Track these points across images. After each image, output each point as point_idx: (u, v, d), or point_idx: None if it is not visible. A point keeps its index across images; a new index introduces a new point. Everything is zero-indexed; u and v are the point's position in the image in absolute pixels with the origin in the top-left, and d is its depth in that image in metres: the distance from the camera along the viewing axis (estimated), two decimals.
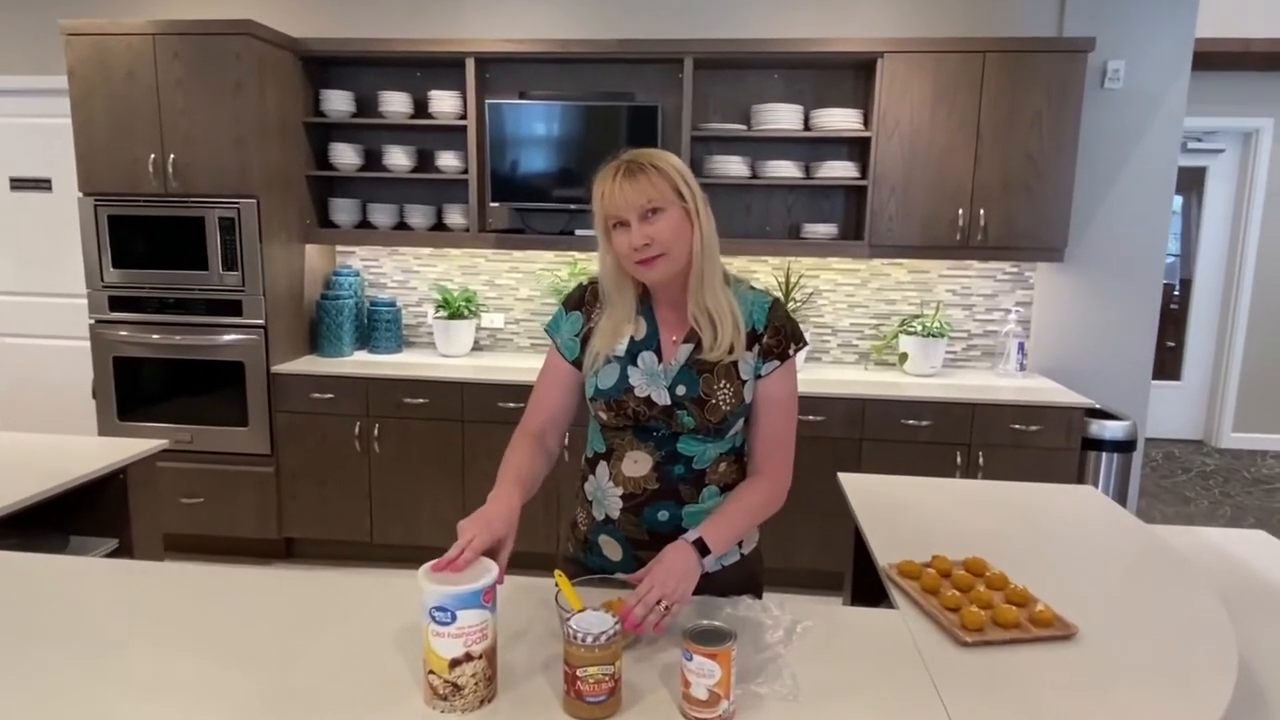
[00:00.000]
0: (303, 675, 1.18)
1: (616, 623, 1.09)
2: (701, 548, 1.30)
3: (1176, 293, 5.85)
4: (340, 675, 1.18)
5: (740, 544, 1.50)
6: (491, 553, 1.19)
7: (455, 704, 1.08)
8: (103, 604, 1.38)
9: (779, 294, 3.65)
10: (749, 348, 1.42)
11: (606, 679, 1.07)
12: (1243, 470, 5.37)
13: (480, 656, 1.09)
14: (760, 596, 1.52)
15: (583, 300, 1.51)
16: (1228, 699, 1.17)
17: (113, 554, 2.25)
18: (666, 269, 1.36)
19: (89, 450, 2.28)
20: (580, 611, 1.13)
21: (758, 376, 1.43)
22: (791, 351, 1.44)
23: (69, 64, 3.29)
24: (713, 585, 1.40)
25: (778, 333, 1.43)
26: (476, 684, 1.09)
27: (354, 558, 3.62)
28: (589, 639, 1.05)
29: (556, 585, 1.26)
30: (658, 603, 1.20)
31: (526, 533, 3.90)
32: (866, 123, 3.44)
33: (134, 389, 3.49)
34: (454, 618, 1.06)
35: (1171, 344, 5.86)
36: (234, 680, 1.16)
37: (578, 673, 1.06)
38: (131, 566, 1.60)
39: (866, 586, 1.95)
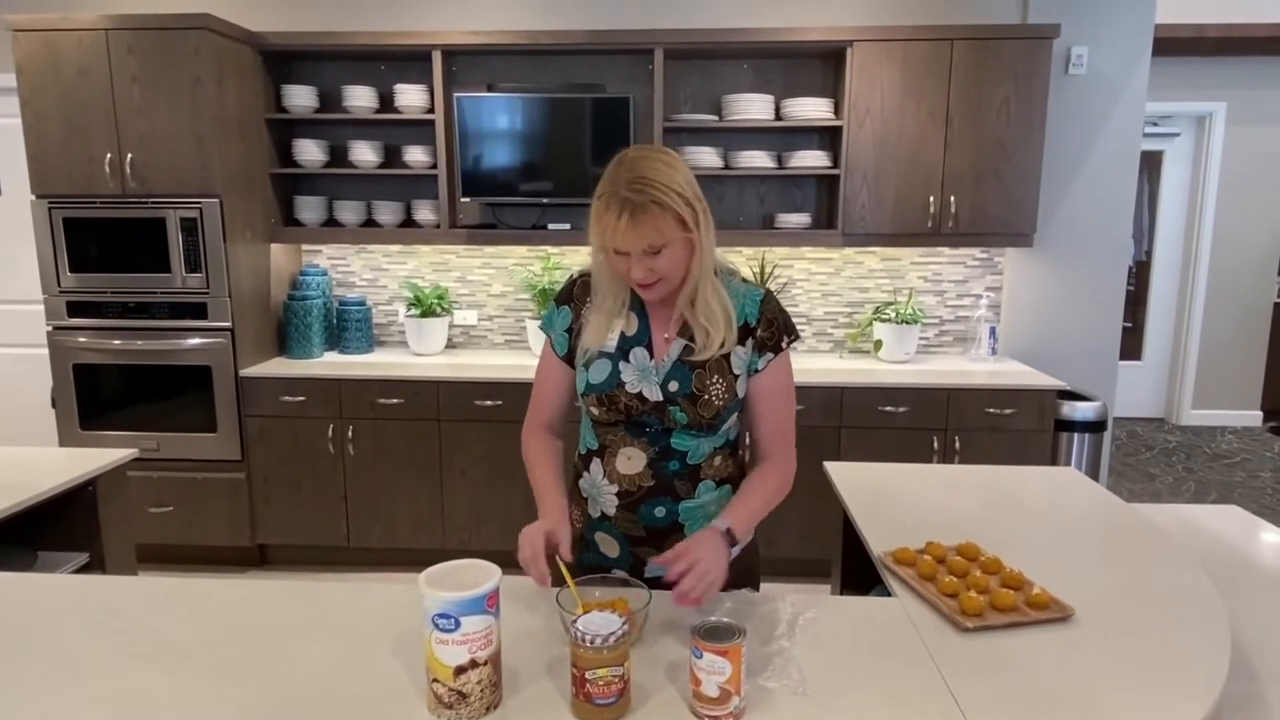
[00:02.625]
0: (298, 688, 1.14)
1: (624, 623, 1.07)
2: (730, 537, 1.31)
3: (1134, 274, 5.98)
4: (337, 686, 1.15)
5: None
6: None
7: (461, 712, 1.06)
8: (80, 622, 1.33)
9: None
10: (741, 341, 1.41)
11: (616, 680, 1.05)
12: (1203, 446, 5.52)
13: (485, 663, 1.06)
14: (758, 588, 1.51)
15: (571, 294, 1.49)
16: (1224, 674, 1.19)
17: (84, 569, 2.17)
18: (665, 290, 1.36)
19: (55, 461, 2.19)
20: (585, 613, 1.11)
21: (754, 371, 1.42)
22: (785, 344, 1.44)
23: (16, 61, 3.16)
24: None
25: (770, 325, 1.42)
26: (482, 691, 1.06)
27: (330, 563, 3.56)
28: (597, 640, 1.04)
29: (560, 587, 1.24)
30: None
31: (508, 532, 3.83)
32: (837, 111, 3.45)
33: (96, 397, 3.38)
34: (458, 624, 1.03)
35: (1129, 324, 5.99)
36: (227, 696, 1.12)
37: (586, 675, 1.04)
38: (106, 582, 1.54)
39: (855, 573, 1.96)
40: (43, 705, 1.10)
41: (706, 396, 1.38)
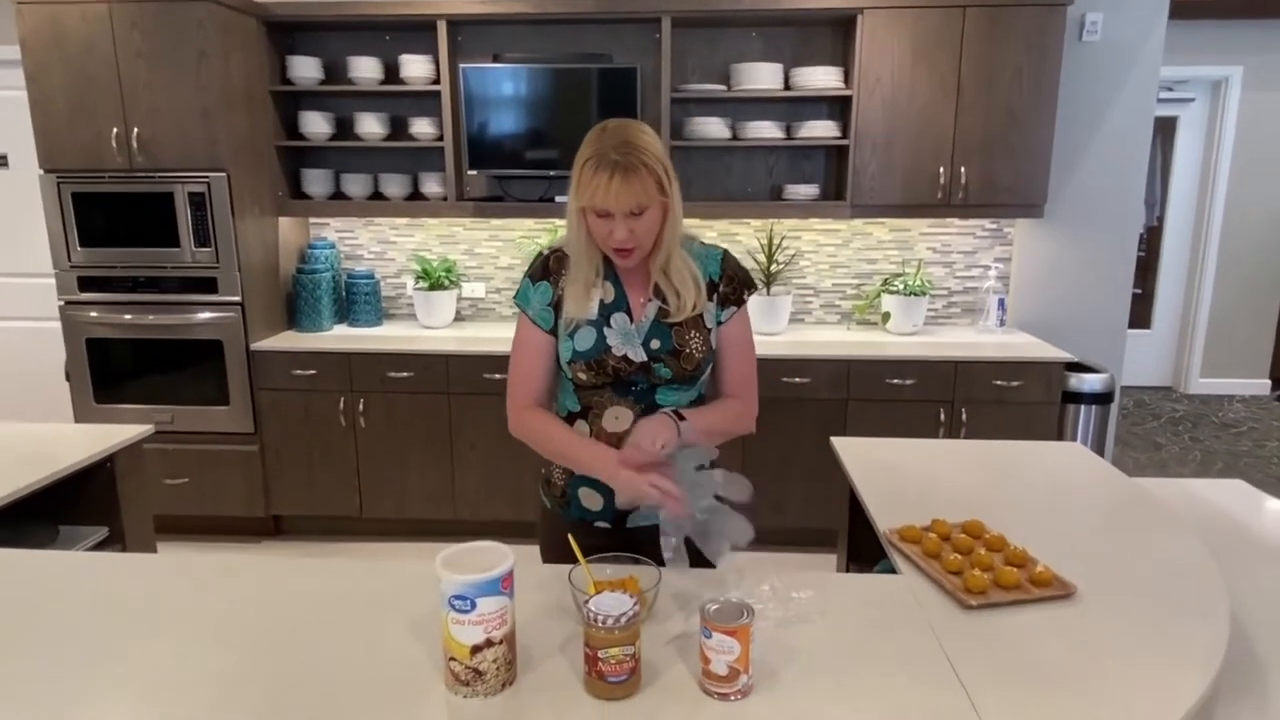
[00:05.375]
0: (318, 662, 1.18)
1: (635, 603, 1.10)
2: (677, 415, 1.43)
3: (1145, 240, 5.93)
4: (356, 661, 1.18)
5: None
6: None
7: (477, 689, 1.09)
8: (103, 599, 1.37)
9: (760, 254, 3.65)
10: (709, 298, 1.53)
11: (627, 659, 1.08)
12: (1211, 415, 5.52)
13: (500, 642, 1.09)
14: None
15: (547, 270, 1.56)
16: (1223, 650, 1.21)
17: (103, 542, 2.22)
18: (640, 256, 1.48)
19: (75, 437, 2.23)
20: (597, 593, 1.14)
21: (719, 323, 1.55)
22: (746, 297, 1.57)
23: (21, 35, 3.14)
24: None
25: (731, 281, 1.57)
26: (498, 669, 1.10)
27: (343, 533, 3.62)
28: (609, 620, 1.06)
29: (572, 566, 1.26)
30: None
31: (518, 504, 3.85)
32: (847, 81, 3.41)
33: (109, 371, 3.42)
34: (474, 605, 1.06)
35: (1139, 291, 5.95)
36: (248, 672, 1.16)
37: (598, 654, 1.08)
38: (128, 559, 1.58)
39: (861, 546, 1.99)
40: (68, 681, 1.14)
41: (688, 350, 1.51)
